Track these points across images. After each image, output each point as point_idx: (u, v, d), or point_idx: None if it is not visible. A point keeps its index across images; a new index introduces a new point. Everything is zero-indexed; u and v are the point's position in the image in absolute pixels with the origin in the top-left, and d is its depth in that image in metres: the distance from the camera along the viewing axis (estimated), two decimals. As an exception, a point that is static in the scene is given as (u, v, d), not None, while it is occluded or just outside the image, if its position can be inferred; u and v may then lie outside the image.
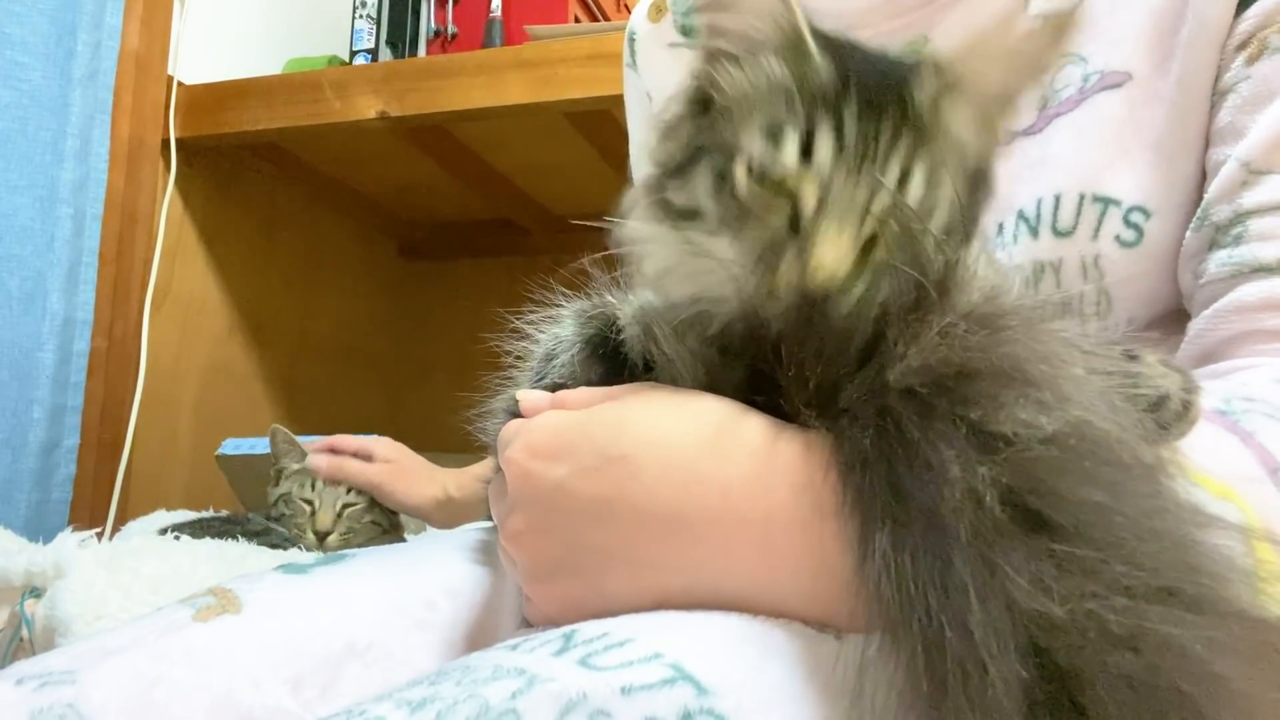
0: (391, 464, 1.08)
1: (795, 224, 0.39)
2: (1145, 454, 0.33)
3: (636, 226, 0.46)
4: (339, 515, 1.08)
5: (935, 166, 0.40)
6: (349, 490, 1.10)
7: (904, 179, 0.39)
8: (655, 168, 0.46)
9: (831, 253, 0.38)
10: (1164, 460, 0.34)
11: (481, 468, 1.02)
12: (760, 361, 0.41)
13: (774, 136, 0.40)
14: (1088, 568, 0.29)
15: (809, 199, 0.39)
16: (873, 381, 0.36)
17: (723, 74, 0.44)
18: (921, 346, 0.36)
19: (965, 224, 0.42)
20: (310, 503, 1.09)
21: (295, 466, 1.12)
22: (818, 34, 0.42)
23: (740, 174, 0.41)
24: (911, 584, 0.30)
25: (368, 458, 1.08)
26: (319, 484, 1.09)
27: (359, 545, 1.07)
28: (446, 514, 1.04)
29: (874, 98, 0.40)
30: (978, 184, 0.43)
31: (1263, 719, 0.28)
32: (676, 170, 0.44)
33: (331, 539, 1.07)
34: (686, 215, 0.43)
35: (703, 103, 0.45)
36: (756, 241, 0.40)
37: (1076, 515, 0.30)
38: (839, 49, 0.43)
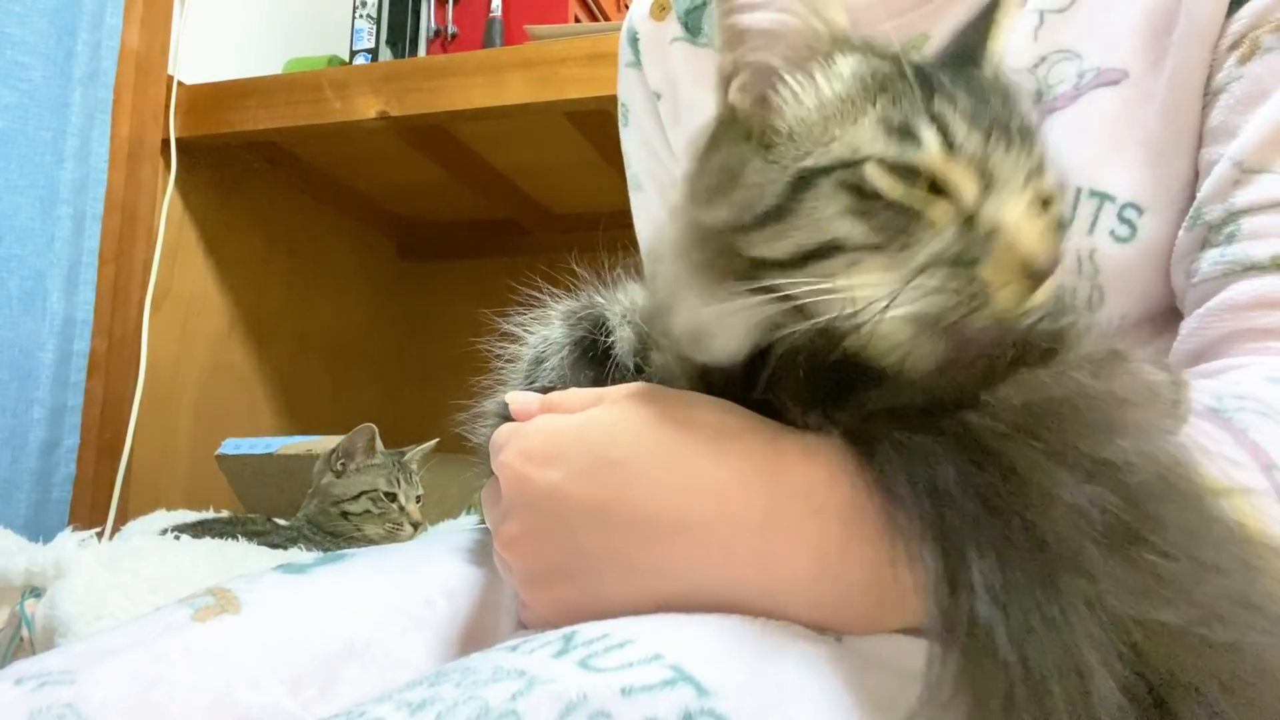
0: None
1: (968, 219, 0.37)
2: (1218, 490, 0.34)
3: (706, 310, 0.41)
4: (419, 506, 1.17)
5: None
6: (411, 481, 1.18)
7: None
8: (710, 232, 0.40)
9: (1035, 231, 0.36)
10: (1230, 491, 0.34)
11: None
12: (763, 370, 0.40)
13: (902, 133, 0.37)
14: (1186, 581, 0.29)
15: (970, 187, 0.37)
16: (937, 411, 0.35)
17: (780, 91, 0.41)
18: (1021, 383, 0.35)
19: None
20: (395, 497, 1.14)
21: (374, 461, 1.16)
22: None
23: (882, 178, 0.37)
24: (1010, 602, 0.30)
25: None
26: (399, 478, 1.15)
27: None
28: None
29: (976, 84, 0.39)
30: None
31: None
32: (767, 217, 0.38)
33: (421, 528, 1.14)
34: (797, 262, 0.37)
35: (750, 131, 0.41)
36: (938, 247, 0.36)
37: (1172, 536, 0.30)
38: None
